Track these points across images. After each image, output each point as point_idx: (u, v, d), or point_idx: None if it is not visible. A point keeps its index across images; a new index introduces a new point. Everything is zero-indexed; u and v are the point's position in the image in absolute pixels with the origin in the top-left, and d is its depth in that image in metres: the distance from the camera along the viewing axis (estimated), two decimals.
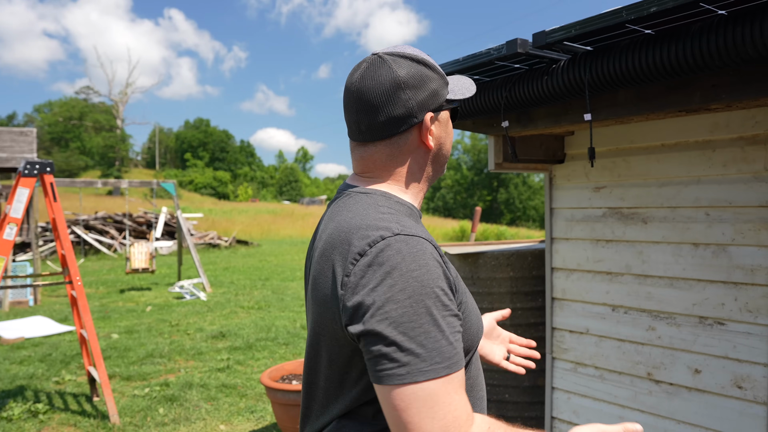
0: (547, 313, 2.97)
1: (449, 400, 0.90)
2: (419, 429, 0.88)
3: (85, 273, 15.27)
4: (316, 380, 1.12)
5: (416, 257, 0.94)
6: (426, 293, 0.92)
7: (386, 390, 0.90)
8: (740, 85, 1.79)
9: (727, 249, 2.31)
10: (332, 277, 0.99)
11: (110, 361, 6.45)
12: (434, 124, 1.12)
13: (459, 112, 2.28)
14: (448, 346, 0.91)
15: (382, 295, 0.91)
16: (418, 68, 1.10)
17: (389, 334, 0.90)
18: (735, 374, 2.29)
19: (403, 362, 0.89)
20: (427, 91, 1.10)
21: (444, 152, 1.18)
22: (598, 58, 1.94)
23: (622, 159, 2.65)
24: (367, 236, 0.97)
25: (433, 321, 0.91)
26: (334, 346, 1.02)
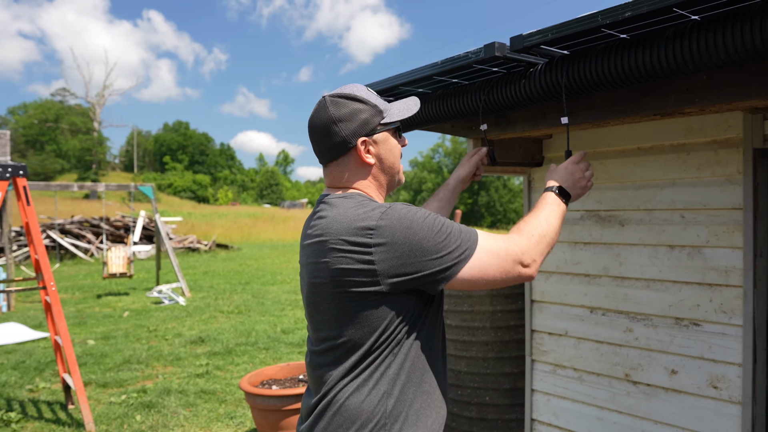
0: (526, 316, 2.98)
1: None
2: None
3: (61, 278, 15.01)
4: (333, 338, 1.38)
5: (410, 211, 1.33)
6: (423, 216, 1.33)
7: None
8: (713, 90, 1.81)
9: (701, 251, 2.34)
10: (349, 255, 1.30)
11: (86, 367, 6.33)
12: (371, 145, 1.47)
13: (432, 117, 2.35)
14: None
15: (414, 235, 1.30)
16: (351, 105, 1.45)
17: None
18: (711, 374, 2.32)
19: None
20: (357, 122, 1.44)
21: (387, 164, 1.50)
22: (574, 62, 1.95)
23: (599, 162, 2.67)
24: (369, 216, 1.32)
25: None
26: (358, 308, 1.33)
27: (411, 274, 1.29)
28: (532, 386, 2.99)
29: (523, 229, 1.43)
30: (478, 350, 3.81)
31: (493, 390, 3.78)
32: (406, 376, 1.34)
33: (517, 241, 1.38)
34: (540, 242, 1.42)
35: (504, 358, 3.76)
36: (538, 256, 1.40)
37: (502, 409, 3.77)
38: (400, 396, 1.33)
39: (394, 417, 1.32)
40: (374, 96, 1.50)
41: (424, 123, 2.57)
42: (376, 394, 1.31)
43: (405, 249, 1.28)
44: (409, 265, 1.28)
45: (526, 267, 1.37)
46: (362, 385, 1.32)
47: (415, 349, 1.36)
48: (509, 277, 1.36)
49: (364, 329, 1.32)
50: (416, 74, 2.34)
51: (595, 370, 2.69)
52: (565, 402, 2.83)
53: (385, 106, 1.50)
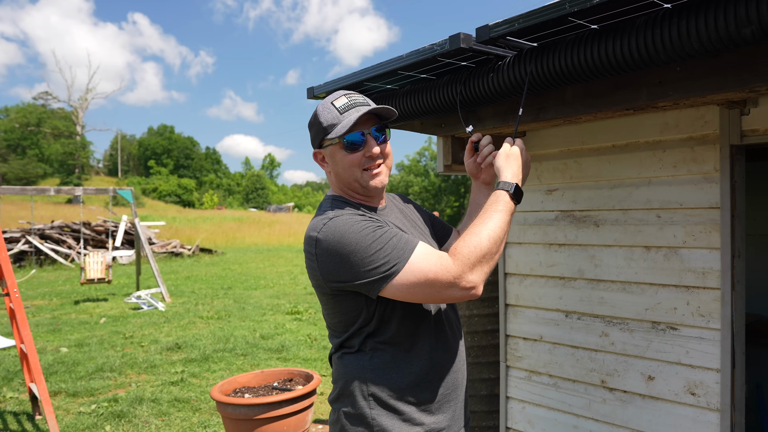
0: (500, 320, 2.88)
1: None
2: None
3: (39, 284, 14.71)
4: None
5: (346, 223, 1.45)
6: (356, 231, 1.44)
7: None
8: (686, 82, 1.73)
9: (678, 252, 2.25)
10: (307, 259, 1.53)
11: (57, 376, 6.14)
12: (325, 156, 1.65)
13: (402, 115, 2.30)
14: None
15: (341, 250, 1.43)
16: (311, 118, 1.65)
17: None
18: (688, 380, 2.23)
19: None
20: (312, 134, 1.66)
21: (338, 175, 1.63)
22: (543, 54, 1.85)
23: (573, 160, 2.58)
24: (315, 227, 1.50)
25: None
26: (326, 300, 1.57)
27: (345, 282, 1.45)
28: (507, 393, 2.89)
29: (461, 250, 1.41)
30: None
31: (471, 396, 3.67)
32: (383, 359, 1.52)
33: (449, 268, 1.39)
34: (478, 262, 1.41)
35: (481, 364, 3.66)
36: (476, 277, 1.40)
37: (479, 416, 3.66)
38: (378, 379, 1.52)
39: (375, 395, 1.53)
40: (329, 111, 1.59)
41: (393, 121, 2.46)
42: (358, 368, 1.54)
43: (337, 260, 1.43)
44: (342, 274, 1.44)
45: (463, 290, 1.39)
46: (348, 359, 1.57)
47: (391, 337, 1.52)
48: (441, 297, 1.43)
49: (335, 319, 1.57)
50: (381, 68, 2.23)
51: (571, 376, 2.60)
52: (541, 410, 2.73)
53: (337, 120, 1.58)
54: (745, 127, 2.08)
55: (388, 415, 1.53)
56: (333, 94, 1.65)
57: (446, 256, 1.41)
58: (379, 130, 1.62)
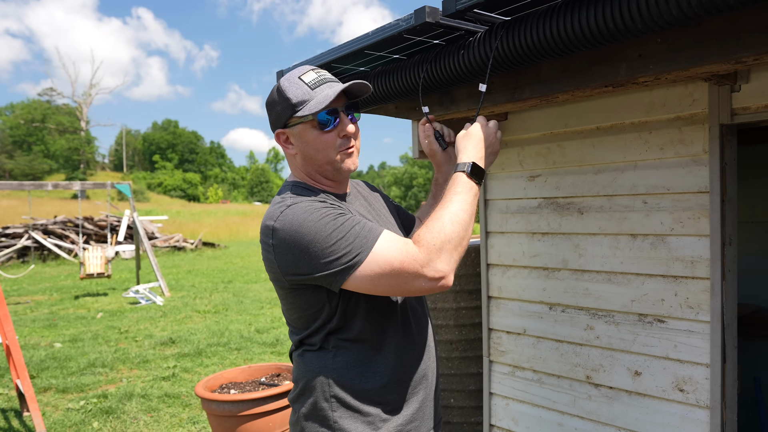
0: (483, 313, 2.75)
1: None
2: None
3: (42, 279, 14.71)
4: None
5: (305, 212, 1.33)
6: (322, 216, 1.33)
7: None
8: (668, 54, 1.59)
9: (665, 239, 2.12)
10: (264, 251, 1.41)
11: (48, 372, 6.07)
12: (291, 136, 1.49)
13: (372, 98, 2.22)
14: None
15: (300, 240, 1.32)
16: (272, 96, 1.49)
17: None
18: (676, 376, 2.10)
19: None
20: (273, 114, 1.49)
21: (309, 156, 1.48)
22: (514, 28, 1.72)
23: (556, 145, 2.44)
24: (272, 216, 1.38)
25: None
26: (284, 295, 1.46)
27: (304, 275, 1.34)
28: (491, 389, 2.77)
29: (425, 237, 1.32)
30: (442, 349, 3.58)
31: (458, 392, 3.55)
32: (346, 358, 1.43)
33: (415, 256, 1.29)
34: (444, 249, 1.31)
35: (469, 358, 3.54)
36: (444, 265, 1.30)
37: (467, 411, 3.55)
38: (340, 379, 1.42)
39: (338, 395, 1.43)
40: (296, 87, 1.44)
41: (363, 105, 2.34)
42: (319, 368, 1.43)
43: (295, 251, 1.32)
44: (300, 266, 1.33)
45: (432, 280, 1.29)
46: (309, 358, 1.46)
47: (356, 333, 1.42)
48: (408, 289, 1.31)
49: (295, 315, 1.46)
50: (348, 48, 2.10)
51: (555, 371, 2.47)
52: (525, 406, 2.61)
53: (306, 97, 1.44)
54: (735, 104, 1.94)
55: (351, 417, 1.43)
56: (298, 68, 1.50)
57: (411, 244, 1.32)
58: (351, 108, 1.51)
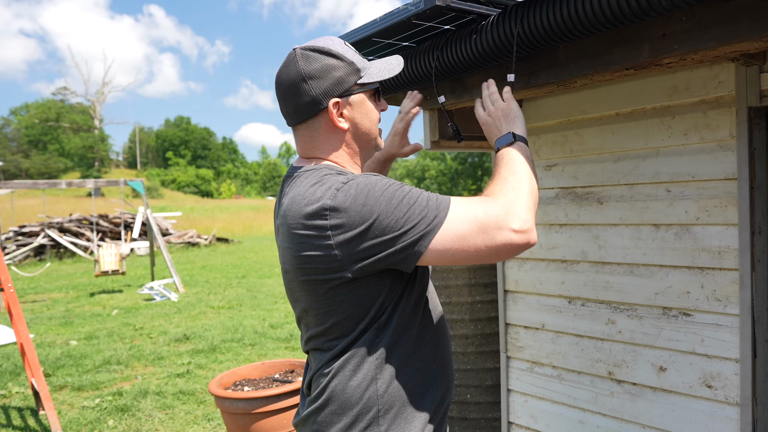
0: (500, 308, 2.67)
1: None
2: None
3: (58, 276, 14.84)
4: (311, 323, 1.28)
5: (368, 183, 1.15)
6: (386, 186, 1.15)
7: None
8: (694, 32, 1.49)
9: (690, 229, 2.02)
10: (309, 240, 1.16)
11: (64, 369, 6.09)
12: (345, 107, 1.29)
13: (386, 87, 2.04)
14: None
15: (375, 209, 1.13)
16: (324, 60, 1.27)
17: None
18: (704, 372, 2.01)
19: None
20: (330, 80, 1.27)
21: (363, 130, 1.33)
22: (530, 8, 1.63)
23: (574, 132, 2.35)
24: (325, 195, 1.15)
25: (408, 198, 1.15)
26: (323, 292, 1.20)
27: (374, 256, 1.13)
28: (509, 386, 2.69)
29: (493, 192, 1.21)
30: (458, 344, 3.51)
31: (475, 387, 3.48)
32: (396, 359, 1.22)
33: (494, 206, 1.15)
34: (519, 198, 1.18)
35: (485, 353, 3.46)
36: (525, 212, 1.16)
37: (484, 407, 3.48)
38: (391, 380, 1.22)
39: (387, 403, 1.21)
40: (351, 51, 1.32)
41: None
42: (365, 380, 1.21)
43: (363, 228, 1.12)
44: (370, 247, 1.13)
45: (518, 232, 1.13)
46: (350, 372, 1.21)
47: (402, 330, 1.23)
48: (497, 245, 1.13)
49: (344, 315, 1.20)
50: (355, 35, 2.02)
51: (576, 367, 2.39)
52: (544, 403, 2.53)
53: (364, 64, 1.33)
54: (764, 86, 1.83)
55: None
56: (330, 37, 1.33)
57: (486, 198, 1.19)
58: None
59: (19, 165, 54.04)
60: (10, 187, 11.38)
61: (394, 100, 2.44)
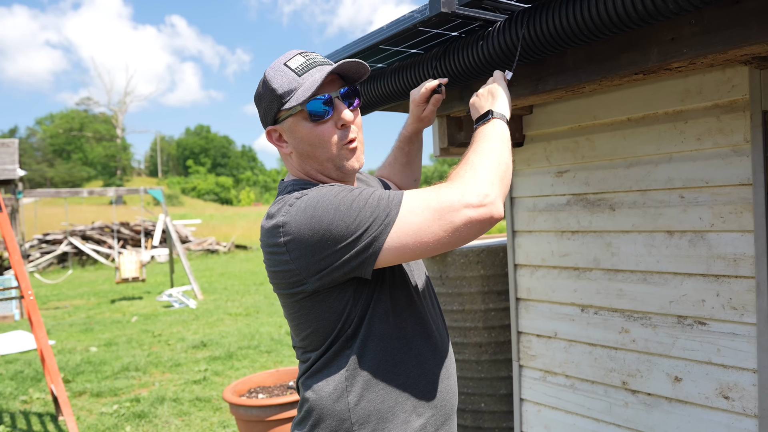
0: (512, 316, 2.64)
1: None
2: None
3: (80, 284, 15.07)
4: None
5: (317, 195, 1.16)
6: (335, 196, 1.15)
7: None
8: (703, 36, 1.46)
9: (705, 236, 1.98)
10: (272, 257, 1.20)
11: (83, 376, 6.17)
12: (282, 132, 1.29)
13: (390, 95, 2.12)
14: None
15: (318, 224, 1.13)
16: (258, 89, 1.30)
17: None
18: (720, 382, 1.96)
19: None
20: (261, 109, 1.31)
21: (304, 152, 1.28)
22: (536, 14, 1.62)
23: (585, 138, 2.32)
24: (279, 212, 1.18)
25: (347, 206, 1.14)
26: (291, 305, 1.25)
27: (329, 266, 1.14)
28: (521, 395, 2.65)
29: (451, 174, 1.19)
30: (471, 353, 3.47)
31: (489, 396, 3.45)
32: (370, 371, 1.21)
33: (449, 188, 1.12)
34: (477, 173, 1.14)
35: (499, 361, 3.42)
36: (485, 186, 1.11)
37: (499, 416, 3.44)
38: (365, 393, 1.21)
39: (362, 416, 1.20)
40: (283, 75, 1.24)
41: (380, 103, 2.26)
42: (335, 391, 1.21)
43: (315, 241, 1.12)
44: (325, 258, 1.13)
45: (477, 207, 1.09)
46: (322, 383, 1.23)
47: (376, 342, 1.22)
48: (456, 227, 1.09)
49: (312, 328, 1.23)
50: (361, 44, 2.03)
51: (589, 377, 2.35)
52: (558, 413, 2.49)
53: (292, 86, 1.24)
54: None
55: None
56: (284, 54, 1.30)
57: (440, 184, 1.16)
58: (348, 94, 1.29)
59: (43, 174, 55.13)
60: (34, 196, 11.61)
61: (402, 108, 2.43)
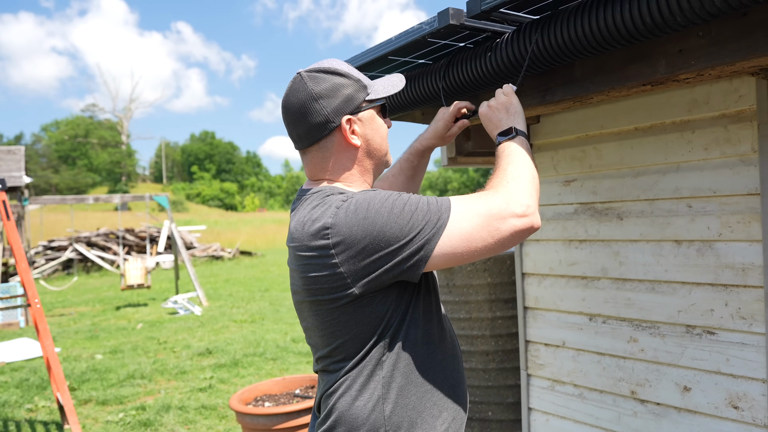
0: (519, 325, 2.64)
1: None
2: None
3: (85, 290, 15.09)
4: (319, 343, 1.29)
5: (365, 197, 1.17)
6: (386, 198, 1.16)
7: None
8: (711, 48, 1.47)
9: (713, 246, 1.98)
10: (313, 261, 1.17)
11: (89, 384, 6.18)
12: (356, 124, 1.31)
13: (398, 104, 2.09)
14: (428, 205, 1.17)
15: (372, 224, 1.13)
16: (332, 79, 1.29)
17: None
18: (729, 392, 1.96)
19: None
20: (340, 98, 1.29)
21: (374, 146, 1.34)
22: (544, 26, 1.63)
23: (592, 147, 2.33)
24: (325, 214, 1.17)
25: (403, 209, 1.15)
26: (332, 312, 1.21)
27: (380, 269, 1.14)
28: (529, 404, 2.65)
29: (491, 184, 1.25)
30: (479, 361, 3.47)
31: (496, 404, 3.44)
32: (403, 378, 1.22)
33: (494, 196, 1.19)
34: (519, 184, 1.22)
35: (506, 369, 3.42)
36: (527, 197, 1.19)
37: (506, 425, 3.43)
38: (398, 400, 1.21)
39: (395, 423, 1.20)
40: (355, 71, 1.36)
41: (390, 111, 2.28)
42: (370, 400, 1.20)
43: (367, 242, 1.13)
44: (376, 260, 1.13)
45: (521, 217, 1.16)
46: (356, 392, 1.21)
47: (410, 347, 1.23)
48: (502, 235, 1.16)
49: (350, 335, 1.21)
50: (370, 54, 2.04)
51: (598, 386, 2.34)
52: (566, 422, 2.49)
53: (369, 82, 1.36)
54: None
55: None
56: (324, 61, 1.35)
57: (485, 192, 1.23)
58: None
59: (49, 180, 55.36)
60: (40, 203, 11.67)
61: (410, 117, 2.45)
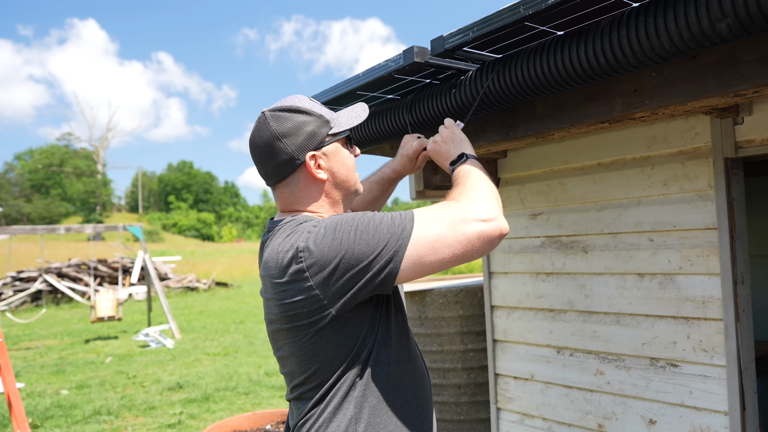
0: (489, 357, 2.64)
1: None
2: None
3: (54, 323, 14.67)
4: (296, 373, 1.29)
5: (333, 219, 1.20)
6: (352, 219, 1.19)
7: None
8: (663, 89, 1.53)
9: (674, 279, 2.02)
10: (290, 287, 1.19)
11: (52, 420, 5.95)
12: (321, 158, 1.34)
13: (367, 138, 2.12)
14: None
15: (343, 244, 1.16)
16: (294, 117, 1.32)
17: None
18: (693, 425, 1.97)
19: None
20: (303, 135, 1.32)
21: (341, 178, 1.37)
22: (505, 65, 1.68)
23: (557, 181, 2.37)
24: (298, 239, 1.20)
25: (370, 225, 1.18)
26: (311, 339, 1.22)
27: (354, 287, 1.16)
28: None
29: (452, 195, 1.27)
30: (450, 394, 3.45)
31: None
32: (374, 397, 1.24)
33: (457, 204, 1.21)
34: (479, 193, 1.24)
35: (478, 403, 3.40)
36: (489, 204, 1.21)
37: None
38: (370, 419, 1.22)
39: None
40: (318, 105, 1.39)
41: (359, 145, 2.30)
42: (343, 421, 1.21)
43: (337, 262, 1.15)
44: (349, 279, 1.16)
45: (486, 221, 1.17)
46: (329, 414, 1.22)
47: (382, 366, 1.25)
48: (468, 238, 1.16)
49: (326, 359, 1.23)
50: (339, 89, 2.08)
51: (566, 420, 2.34)
52: None
53: (332, 115, 1.39)
54: (739, 137, 1.86)
55: None
56: (295, 95, 1.40)
57: (446, 201, 1.25)
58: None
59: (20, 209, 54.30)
60: (9, 233, 11.41)
61: (380, 151, 2.47)
